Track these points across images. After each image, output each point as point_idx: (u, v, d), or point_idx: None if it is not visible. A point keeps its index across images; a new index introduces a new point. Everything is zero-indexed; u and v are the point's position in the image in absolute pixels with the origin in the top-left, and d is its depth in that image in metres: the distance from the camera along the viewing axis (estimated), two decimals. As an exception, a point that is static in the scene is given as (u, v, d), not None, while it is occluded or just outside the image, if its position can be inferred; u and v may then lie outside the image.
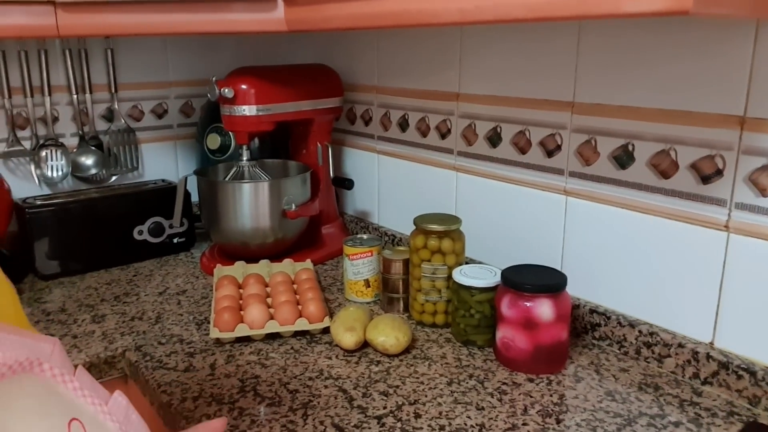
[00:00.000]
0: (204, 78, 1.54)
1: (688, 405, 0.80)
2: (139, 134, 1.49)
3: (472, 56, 1.10)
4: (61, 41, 1.36)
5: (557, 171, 0.99)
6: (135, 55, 1.46)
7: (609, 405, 0.80)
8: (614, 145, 0.91)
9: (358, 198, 1.44)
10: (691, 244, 0.84)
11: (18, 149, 1.34)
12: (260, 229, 1.22)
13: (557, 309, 0.85)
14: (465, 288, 0.94)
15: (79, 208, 1.27)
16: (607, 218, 0.93)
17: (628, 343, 0.91)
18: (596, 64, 0.91)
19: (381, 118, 1.33)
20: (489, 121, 1.09)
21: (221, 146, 1.41)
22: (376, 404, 0.80)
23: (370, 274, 1.11)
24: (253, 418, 0.77)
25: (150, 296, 1.16)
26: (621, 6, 0.55)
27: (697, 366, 0.84)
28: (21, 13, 0.97)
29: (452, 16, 0.70)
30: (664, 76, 0.84)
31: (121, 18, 1.00)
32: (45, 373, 0.41)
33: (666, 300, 0.88)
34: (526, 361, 0.87)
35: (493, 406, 0.79)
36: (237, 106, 1.18)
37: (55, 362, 0.43)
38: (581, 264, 0.98)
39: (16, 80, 1.32)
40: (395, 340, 0.91)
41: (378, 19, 0.80)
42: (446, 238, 1.00)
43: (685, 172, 0.83)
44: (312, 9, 0.92)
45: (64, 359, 0.44)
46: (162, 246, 1.35)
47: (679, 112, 0.83)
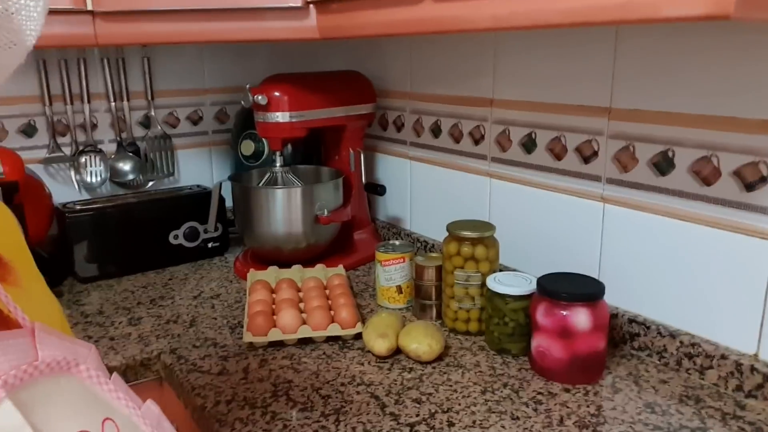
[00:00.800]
0: (238, 85, 1.56)
1: (731, 419, 0.77)
2: (175, 140, 1.51)
3: (506, 62, 1.09)
4: (99, 50, 1.39)
5: (594, 177, 0.97)
6: (171, 63, 1.49)
7: (648, 417, 0.78)
8: (653, 152, 0.89)
9: (390, 204, 1.44)
10: (734, 252, 0.82)
11: (58, 155, 1.38)
12: (293, 235, 1.23)
13: (594, 318, 0.84)
14: (499, 296, 0.93)
15: (117, 213, 1.29)
16: (646, 226, 0.91)
17: (669, 353, 0.89)
18: (634, 68, 0.89)
19: (413, 124, 1.32)
20: (523, 127, 1.08)
21: (255, 152, 1.42)
22: (409, 411, 0.79)
23: (403, 281, 1.11)
24: (285, 422, 0.78)
25: (185, 300, 1.17)
26: (660, 10, 0.54)
27: (740, 378, 0.81)
28: (61, 23, 0.99)
29: (486, 22, 0.69)
30: (704, 81, 0.81)
31: (157, 27, 1.01)
32: (82, 374, 0.43)
33: (708, 310, 0.86)
34: (562, 371, 0.85)
35: (528, 416, 0.78)
36: (270, 112, 1.19)
37: (92, 364, 0.44)
38: (619, 272, 0.96)
39: (56, 88, 1.36)
40: (428, 347, 0.90)
41: (411, 25, 0.80)
42: (480, 245, 0.99)
43: (728, 179, 0.81)
44: (345, 16, 0.92)
45: (99, 363, 0.46)
46: (197, 250, 1.37)
47: (722, 118, 0.80)
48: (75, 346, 0.44)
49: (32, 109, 1.35)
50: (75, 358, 0.43)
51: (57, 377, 0.41)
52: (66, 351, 0.43)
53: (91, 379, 0.43)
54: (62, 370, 0.42)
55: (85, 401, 0.42)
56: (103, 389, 0.44)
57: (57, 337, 0.43)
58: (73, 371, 0.42)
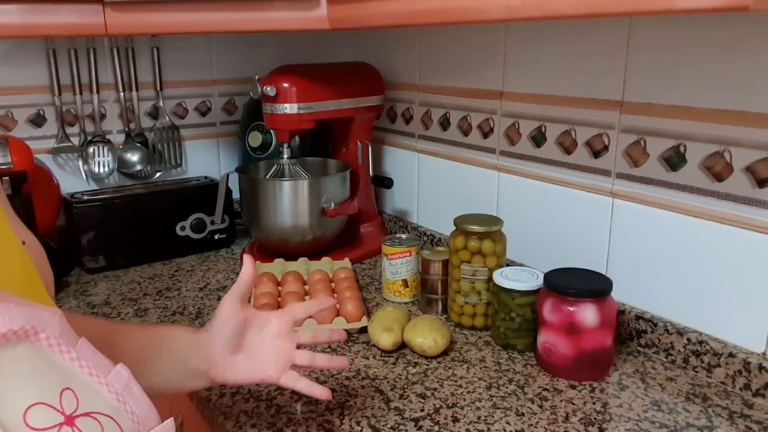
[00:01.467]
0: (247, 76, 1.55)
1: (738, 417, 0.76)
2: (183, 131, 1.51)
3: (516, 53, 1.08)
4: (109, 40, 1.39)
5: (604, 172, 0.96)
6: (180, 53, 1.48)
7: (655, 415, 0.77)
8: (665, 146, 0.88)
9: (397, 197, 1.43)
10: (744, 249, 0.81)
11: (67, 145, 1.38)
12: (299, 227, 1.23)
13: (602, 314, 0.83)
14: (506, 291, 0.92)
15: (124, 204, 1.29)
16: (655, 221, 0.90)
17: (676, 351, 0.88)
18: (647, 61, 0.88)
19: (422, 116, 1.32)
20: (533, 120, 1.07)
21: (263, 144, 1.42)
22: (414, 406, 0.79)
23: (409, 275, 1.10)
24: (290, 416, 0.77)
25: (191, 291, 1.17)
26: (677, 2, 0.53)
27: (748, 377, 0.80)
28: (71, 12, 0.99)
29: (498, 13, 0.68)
30: (719, 74, 0.80)
31: (167, 17, 1.01)
32: (41, 342, 0.42)
33: (716, 307, 0.85)
34: (568, 367, 0.85)
35: (534, 413, 0.78)
36: (279, 104, 1.18)
37: (53, 332, 0.43)
38: (627, 268, 0.95)
39: (65, 78, 1.36)
40: (433, 341, 0.90)
41: (421, 16, 0.79)
42: (487, 239, 0.98)
43: (740, 175, 0.80)
44: (354, 7, 0.91)
45: (64, 329, 0.45)
46: (203, 242, 1.37)
47: (735, 113, 0.79)
48: (37, 312, 0.43)
49: (41, 99, 1.35)
50: (34, 325, 0.42)
51: (14, 346, 0.40)
52: (25, 319, 0.41)
53: (51, 347, 0.42)
54: (20, 339, 0.41)
55: (42, 371, 0.41)
56: (64, 357, 0.43)
57: (15, 303, 0.42)
58: (32, 339, 0.41)
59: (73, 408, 0.41)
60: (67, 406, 0.40)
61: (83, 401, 0.42)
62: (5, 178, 1.14)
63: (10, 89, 1.32)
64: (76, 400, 0.41)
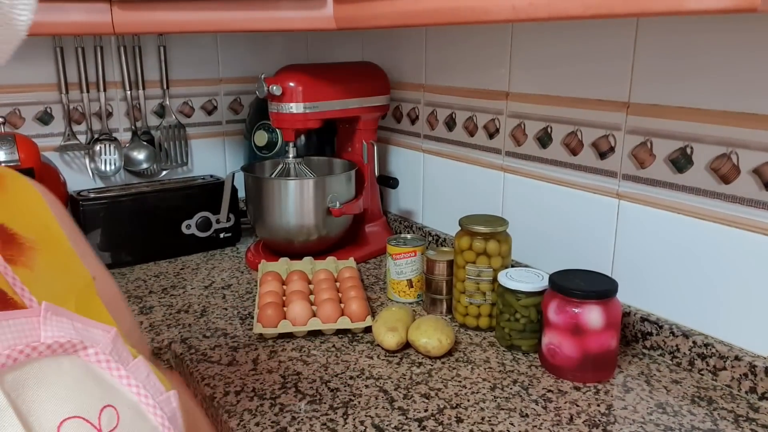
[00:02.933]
0: (253, 75, 1.56)
1: (743, 421, 0.76)
2: (189, 130, 1.52)
3: (522, 54, 1.08)
4: (116, 38, 1.39)
5: (610, 173, 0.96)
6: (186, 52, 1.49)
7: (659, 417, 0.77)
8: (671, 148, 0.87)
9: (403, 197, 1.43)
10: (751, 252, 0.80)
11: (74, 143, 1.39)
12: (304, 226, 1.23)
13: (607, 316, 0.83)
14: (510, 291, 0.92)
15: (131, 202, 1.30)
16: (661, 223, 0.90)
17: (681, 353, 0.88)
18: (654, 62, 0.88)
19: (428, 116, 1.32)
20: (539, 121, 1.06)
21: (268, 143, 1.42)
22: (417, 406, 0.79)
23: (414, 275, 1.10)
24: (293, 414, 0.78)
25: (196, 290, 1.17)
26: (685, 3, 0.53)
27: (754, 380, 0.80)
28: (78, 11, 0.99)
29: (505, 13, 0.68)
30: (727, 76, 0.80)
31: (173, 15, 1.01)
32: (89, 357, 0.42)
33: (723, 310, 0.85)
34: (573, 369, 0.85)
35: (538, 414, 0.77)
36: (285, 103, 1.18)
37: (104, 348, 0.43)
38: (633, 270, 0.95)
39: (73, 76, 1.36)
40: (438, 342, 0.90)
41: (427, 16, 0.79)
42: (492, 239, 0.98)
43: (747, 178, 0.79)
44: (361, 6, 0.91)
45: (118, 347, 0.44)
46: (209, 240, 1.37)
47: (743, 114, 0.79)
48: (88, 329, 0.43)
49: (49, 97, 1.36)
50: (83, 340, 0.42)
51: (58, 358, 0.40)
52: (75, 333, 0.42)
53: (99, 363, 0.42)
54: (66, 352, 0.41)
55: (86, 385, 0.41)
56: (113, 374, 0.43)
57: (68, 318, 0.42)
58: (80, 353, 0.41)
59: (113, 426, 0.40)
60: (106, 423, 0.40)
61: (124, 420, 0.41)
62: (12, 175, 1.14)
63: (17, 87, 1.33)
64: (117, 418, 0.41)
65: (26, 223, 0.50)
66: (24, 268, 0.45)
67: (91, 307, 0.50)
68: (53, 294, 0.45)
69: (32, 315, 0.41)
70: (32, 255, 0.47)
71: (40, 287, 0.45)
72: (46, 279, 0.47)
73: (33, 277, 0.45)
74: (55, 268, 0.49)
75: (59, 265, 0.50)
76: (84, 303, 0.49)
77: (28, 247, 0.47)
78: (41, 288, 0.45)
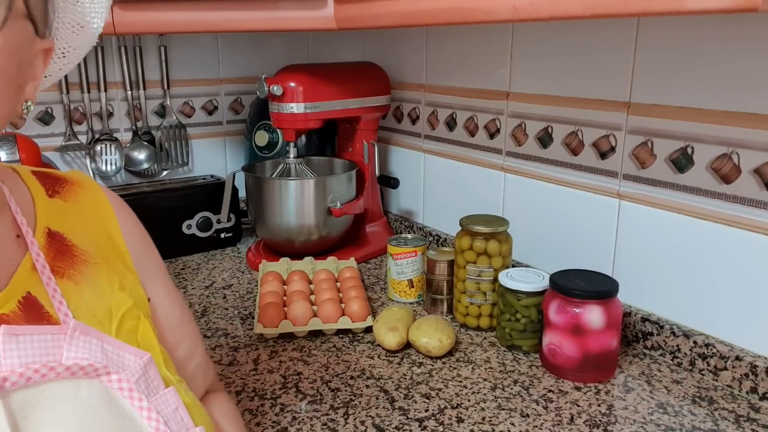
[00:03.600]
0: (254, 75, 1.56)
1: (744, 421, 0.76)
2: (189, 130, 1.52)
3: (523, 54, 1.08)
4: (117, 38, 1.39)
5: (610, 173, 0.96)
6: (187, 52, 1.49)
7: (660, 418, 0.77)
8: (672, 148, 0.87)
9: (403, 197, 1.43)
10: (751, 252, 0.80)
11: (74, 143, 1.39)
12: (305, 226, 1.23)
13: (607, 316, 0.83)
14: (511, 292, 0.92)
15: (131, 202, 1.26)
16: (662, 223, 0.90)
17: (682, 354, 0.88)
18: (654, 62, 0.88)
19: (428, 116, 1.32)
20: (540, 121, 1.06)
21: (269, 143, 1.42)
22: (418, 407, 0.79)
23: (414, 275, 1.10)
24: (294, 414, 0.78)
25: (197, 290, 1.17)
26: (685, 3, 0.53)
27: (755, 380, 0.80)
28: (80, 11, 0.99)
29: (506, 13, 0.68)
30: (727, 75, 0.80)
31: (174, 15, 1.01)
32: (112, 383, 0.40)
33: (723, 310, 0.85)
34: (574, 369, 0.85)
35: (538, 414, 0.77)
36: (285, 103, 1.18)
37: (131, 376, 0.41)
38: (634, 270, 0.95)
39: (73, 76, 1.36)
40: (438, 342, 0.90)
41: (428, 16, 0.79)
42: (493, 240, 0.98)
43: (748, 177, 0.79)
44: (362, 6, 0.91)
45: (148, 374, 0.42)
46: (209, 240, 1.37)
47: (743, 114, 0.79)
48: (119, 352, 0.41)
49: (50, 97, 1.36)
50: (108, 365, 0.40)
51: (77, 381, 0.38)
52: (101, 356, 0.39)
53: (122, 390, 0.40)
54: (87, 375, 0.38)
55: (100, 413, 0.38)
56: (134, 405, 0.40)
57: (98, 340, 0.40)
58: (102, 378, 0.39)
59: None
60: None
61: None
62: (13, 175, 1.15)
63: (18, 87, 1.33)
64: None
65: (88, 235, 0.48)
66: (69, 282, 0.44)
67: (138, 328, 0.47)
68: (94, 311, 0.44)
69: (60, 332, 0.39)
70: (83, 268, 0.46)
71: (82, 302, 0.43)
72: (91, 294, 0.45)
73: (77, 292, 0.44)
74: (105, 284, 0.47)
75: (111, 282, 0.48)
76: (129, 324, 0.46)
77: (81, 260, 0.46)
78: (82, 303, 0.43)
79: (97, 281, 0.46)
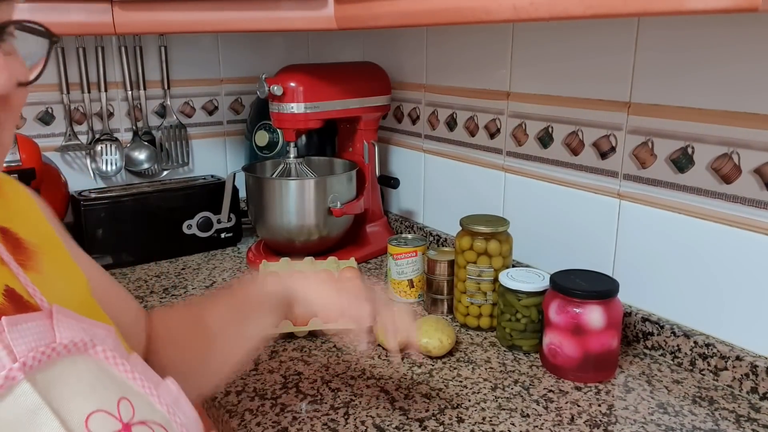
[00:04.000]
0: (254, 75, 1.56)
1: (745, 421, 0.76)
2: (190, 130, 1.52)
3: (523, 54, 1.08)
4: (117, 38, 1.39)
5: (611, 173, 0.96)
6: (187, 52, 1.49)
7: (661, 417, 0.77)
8: (673, 148, 0.87)
9: (403, 197, 1.43)
10: (752, 252, 0.80)
11: (75, 143, 1.39)
12: (305, 226, 1.23)
13: (608, 316, 0.83)
14: (512, 292, 0.92)
15: (132, 202, 1.30)
16: (662, 223, 0.90)
17: (683, 354, 0.88)
18: (655, 62, 0.88)
19: (429, 116, 1.32)
20: (540, 121, 1.06)
21: (269, 143, 1.42)
22: (418, 407, 0.79)
23: (414, 275, 1.10)
24: (294, 414, 0.78)
25: (197, 290, 1.17)
26: (686, 3, 0.53)
27: (755, 380, 0.80)
28: (80, 11, 0.99)
29: (506, 13, 0.68)
30: (728, 75, 0.80)
31: (174, 16, 1.01)
32: (99, 355, 0.44)
33: (724, 310, 0.84)
34: (574, 369, 0.85)
35: (539, 414, 0.77)
36: (285, 103, 1.18)
37: (109, 345, 0.45)
38: (634, 270, 0.94)
39: (74, 76, 1.36)
40: (438, 342, 0.90)
41: (428, 16, 0.79)
42: (493, 240, 0.98)
43: (748, 177, 0.79)
44: (362, 6, 0.91)
45: (117, 344, 0.47)
46: (210, 240, 1.37)
47: (744, 114, 0.79)
48: (93, 328, 0.45)
49: (50, 97, 1.36)
50: (92, 339, 0.44)
51: (74, 357, 0.42)
52: (83, 332, 0.44)
53: (108, 360, 0.44)
54: (79, 351, 0.43)
55: (101, 381, 0.43)
56: (119, 369, 0.45)
57: (74, 320, 0.44)
58: (90, 352, 0.44)
59: (130, 416, 0.43)
60: (125, 414, 0.42)
61: (138, 410, 0.43)
62: (14, 175, 1.15)
63: (18, 87, 1.33)
64: (132, 409, 0.43)
65: (28, 228, 0.51)
66: (33, 272, 0.47)
67: (90, 307, 0.51)
68: (60, 296, 0.47)
69: (46, 318, 0.42)
70: (37, 259, 0.48)
71: (49, 290, 0.46)
72: (53, 281, 0.48)
73: (42, 280, 0.47)
74: (58, 271, 0.51)
75: (61, 269, 0.51)
76: (84, 304, 0.51)
77: (32, 252, 0.48)
78: (50, 290, 0.46)
79: (52, 269, 0.50)
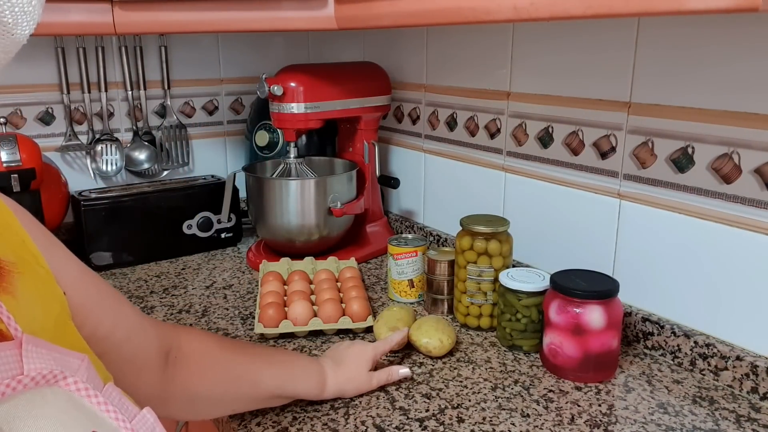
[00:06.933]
0: (254, 75, 1.56)
1: (745, 421, 0.76)
2: (190, 130, 1.52)
3: (524, 54, 1.08)
4: (117, 38, 1.39)
5: (611, 173, 0.96)
6: (188, 52, 1.49)
7: (661, 417, 0.77)
8: (673, 148, 0.87)
9: (404, 197, 1.43)
10: (752, 252, 0.80)
11: (75, 143, 1.39)
12: (306, 226, 1.23)
13: (608, 316, 0.83)
14: (512, 292, 0.92)
15: (132, 202, 1.30)
16: (662, 223, 0.90)
17: (683, 354, 0.88)
18: (655, 62, 0.88)
19: (429, 116, 1.32)
20: (540, 121, 1.06)
21: (269, 143, 1.42)
22: (419, 407, 0.79)
23: (415, 275, 1.10)
24: (294, 414, 0.78)
25: (197, 290, 1.17)
26: (686, 3, 0.53)
27: (756, 380, 0.80)
28: (80, 11, 0.99)
29: (506, 13, 0.68)
30: (728, 75, 0.80)
31: (175, 16, 1.01)
32: (70, 387, 0.42)
33: (724, 310, 0.84)
34: (574, 369, 0.84)
35: (539, 414, 0.77)
36: (286, 103, 1.18)
37: (82, 377, 0.43)
38: (634, 270, 0.94)
39: (74, 76, 1.36)
40: (439, 342, 0.90)
41: (429, 16, 0.79)
42: (493, 239, 0.98)
43: (749, 177, 0.79)
44: (362, 6, 0.91)
45: (92, 375, 0.45)
46: (210, 240, 1.37)
47: (744, 114, 0.79)
48: (65, 358, 0.44)
49: (50, 97, 1.36)
50: (63, 370, 0.42)
51: (42, 390, 0.41)
52: (54, 363, 0.42)
53: (79, 391, 0.43)
54: (48, 383, 0.41)
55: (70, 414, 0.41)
56: (92, 402, 0.43)
57: (46, 349, 0.42)
58: (60, 384, 0.42)
59: None
60: None
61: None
62: (14, 175, 1.15)
63: (19, 87, 1.33)
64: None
65: (5, 245, 0.48)
66: (7, 296, 0.45)
67: (66, 332, 0.49)
68: (34, 321, 0.45)
69: (16, 347, 0.41)
70: (13, 280, 0.46)
71: (23, 315, 0.45)
72: (28, 306, 0.47)
73: (16, 305, 0.45)
74: (34, 292, 0.48)
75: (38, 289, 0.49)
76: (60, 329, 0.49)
77: (7, 271, 0.46)
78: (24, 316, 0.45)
79: (28, 291, 0.47)
